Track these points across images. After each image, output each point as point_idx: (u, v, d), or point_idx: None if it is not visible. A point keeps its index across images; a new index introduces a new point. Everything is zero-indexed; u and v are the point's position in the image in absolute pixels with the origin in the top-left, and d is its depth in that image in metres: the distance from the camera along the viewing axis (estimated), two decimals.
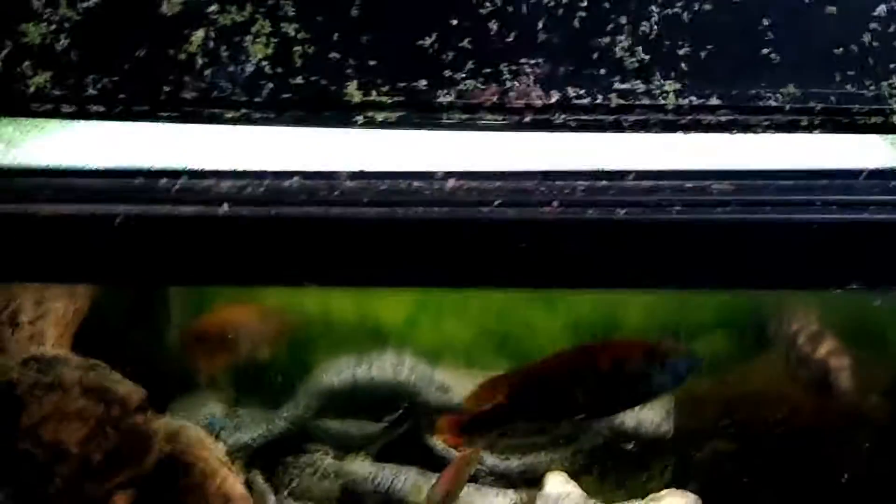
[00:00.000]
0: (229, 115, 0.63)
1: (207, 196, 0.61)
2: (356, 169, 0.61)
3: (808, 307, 0.99)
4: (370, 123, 0.63)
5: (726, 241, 0.61)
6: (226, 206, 0.60)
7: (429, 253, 0.61)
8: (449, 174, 0.61)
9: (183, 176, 0.62)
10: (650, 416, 1.05)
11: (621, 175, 0.62)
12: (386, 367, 1.03)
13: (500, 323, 1.10)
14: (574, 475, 1.06)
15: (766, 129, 0.64)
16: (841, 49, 0.62)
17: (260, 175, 0.61)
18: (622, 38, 0.62)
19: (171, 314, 1.10)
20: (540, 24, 0.62)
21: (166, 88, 0.62)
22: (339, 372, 1.04)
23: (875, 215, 0.61)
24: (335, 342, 1.02)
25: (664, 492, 1.04)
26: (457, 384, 1.02)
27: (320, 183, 0.60)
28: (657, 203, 0.60)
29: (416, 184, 0.61)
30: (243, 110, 0.63)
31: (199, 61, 0.62)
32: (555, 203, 0.60)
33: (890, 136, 0.67)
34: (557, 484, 1.05)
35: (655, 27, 0.62)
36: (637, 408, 0.99)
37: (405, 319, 1.10)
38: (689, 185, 0.61)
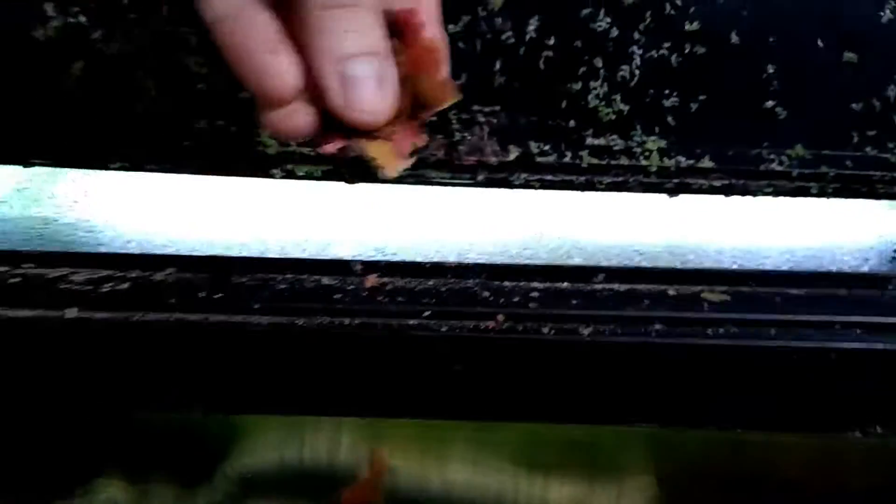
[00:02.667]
0: (116, 164, 0.52)
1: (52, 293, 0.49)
2: (249, 254, 0.49)
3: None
4: (289, 176, 0.52)
5: (719, 371, 0.49)
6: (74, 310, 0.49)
7: (336, 374, 0.50)
8: (367, 267, 0.50)
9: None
10: None
11: (587, 274, 0.50)
12: (319, 447, 0.92)
13: None
14: None
15: (767, 195, 0.54)
16: (860, 104, 0.52)
17: (126, 263, 0.50)
18: (596, 83, 0.51)
19: None
20: (497, 65, 0.51)
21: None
22: (263, 452, 0.92)
23: None
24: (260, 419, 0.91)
25: None
26: (405, 467, 0.91)
27: (201, 277, 0.49)
28: (631, 319, 0.49)
29: (325, 280, 0.50)
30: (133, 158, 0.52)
31: (80, 97, 0.51)
32: (500, 316, 0.49)
33: None
34: None
35: (637, 72, 0.51)
36: (612, 496, 0.88)
37: None
38: (671, 291, 0.50)
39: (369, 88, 0.36)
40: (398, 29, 0.38)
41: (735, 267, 0.54)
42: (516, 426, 0.61)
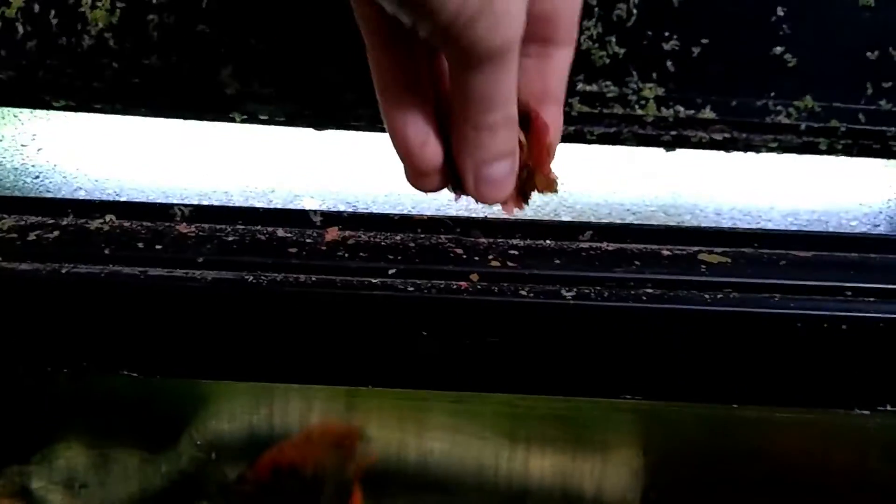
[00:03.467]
0: (59, 102, 0.47)
1: None
2: (194, 202, 0.44)
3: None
4: (251, 120, 0.48)
5: (717, 340, 0.45)
6: None
7: (288, 337, 0.45)
8: (327, 219, 0.45)
9: None
10: (613, 479, 0.90)
11: (573, 231, 0.46)
12: (289, 413, 0.88)
13: None
14: None
15: (772, 150, 0.50)
16: (876, 53, 0.47)
17: (58, 209, 0.45)
18: (589, 23, 0.46)
19: None
20: None
21: None
22: (229, 419, 0.88)
23: None
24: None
25: None
26: (377, 435, 0.87)
27: (141, 226, 0.45)
28: (620, 281, 0.44)
29: (280, 232, 0.45)
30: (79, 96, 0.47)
31: (21, 30, 0.46)
32: (473, 276, 0.44)
33: None
34: None
35: (634, 11, 0.46)
36: (595, 469, 0.84)
37: None
38: (665, 251, 0.45)
39: (503, 184, 0.41)
40: (523, 120, 0.41)
41: (734, 227, 0.49)
42: (494, 396, 0.57)
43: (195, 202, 0.47)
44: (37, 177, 0.53)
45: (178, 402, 0.86)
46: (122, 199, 0.47)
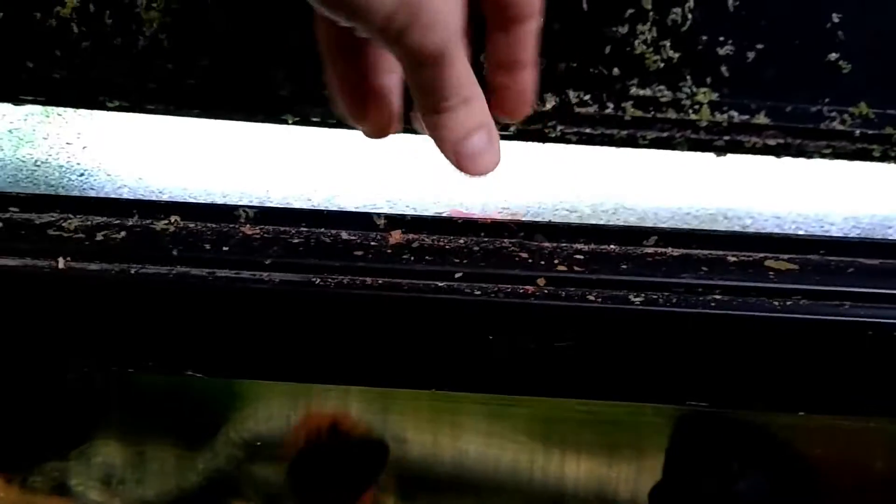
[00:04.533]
0: (113, 102, 0.47)
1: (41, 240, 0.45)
2: (259, 204, 0.44)
3: None
4: (303, 122, 0.48)
5: (785, 347, 0.45)
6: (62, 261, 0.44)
7: (354, 339, 0.45)
8: (391, 222, 0.46)
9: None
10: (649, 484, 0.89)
11: (637, 237, 0.46)
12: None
13: None
14: None
15: (825, 157, 0.49)
16: None
17: (123, 210, 0.45)
18: (644, 27, 0.46)
19: None
20: None
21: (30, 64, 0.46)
22: (269, 418, 0.88)
23: None
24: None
25: None
26: (414, 434, 0.87)
27: (206, 227, 0.45)
28: (688, 287, 0.44)
29: (344, 235, 0.45)
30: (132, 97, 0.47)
31: (75, 29, 0.46)
32: (540, 280, 0.44)
33: None
34: None
35: (689, 15, 0.46)
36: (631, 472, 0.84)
37: None
38: (731, 258, 0.45)
39: (483, 154, 0.40)
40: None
41: (800, 233, 0.49)
42: (538, 400, 0.57)
43: (254, 203, 0.47)
44: (81, 174, 0.54)
45: (217, 400, 0.86)
46: (189, 199, 0.47)
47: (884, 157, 0.49)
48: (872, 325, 0.45)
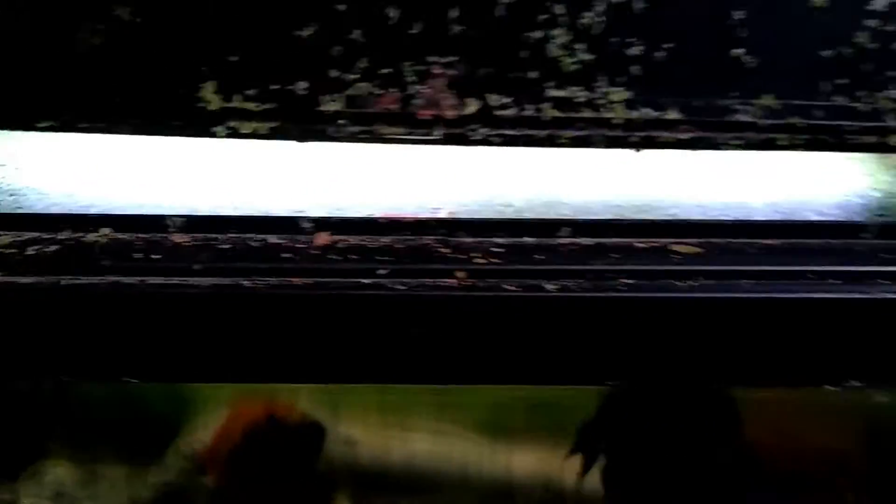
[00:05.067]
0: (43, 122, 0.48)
1: None
2: (187, 213, 0.46)
3: None
4: (234, 135, 0.49)
5: (691, 325, 0.47)
6: None
7: (286, 339, 0.47)
8: (318, 225, 0.47)
9: None
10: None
11: (551, 228, 0.48)
12: None
13: None
14: None
15: (735, 147, 0.52)
16: (830, 52, 0.50)
17: (54, 224, 0.46)
18: (558, 31, 0.48)
19: None
20: (454, 13, 0.48)
21: None
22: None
23: (886, 293, 0.47)
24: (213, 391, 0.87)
25: None
26: (366, 438, 0.88)
27: (137, 238, 0.46)
28: (598, 273, 0.46)
29: (272, 239, 0.47)
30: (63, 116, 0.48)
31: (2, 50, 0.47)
32: (461, 273, 0.46)
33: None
34: None
35: (600, 19, 0.48)
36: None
37: None
38: (639, 244, 0.47)
39: None
40: None
41: (703, 218, 0.51)
42: (479, 390, 0.58)
43: (183, 212, 0.49)
44: (12, 194, 0.54)
45: (165, 413, 0.86)
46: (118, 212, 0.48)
47: (790, 146, 0.52)
48: (770, 300, 0.47)
